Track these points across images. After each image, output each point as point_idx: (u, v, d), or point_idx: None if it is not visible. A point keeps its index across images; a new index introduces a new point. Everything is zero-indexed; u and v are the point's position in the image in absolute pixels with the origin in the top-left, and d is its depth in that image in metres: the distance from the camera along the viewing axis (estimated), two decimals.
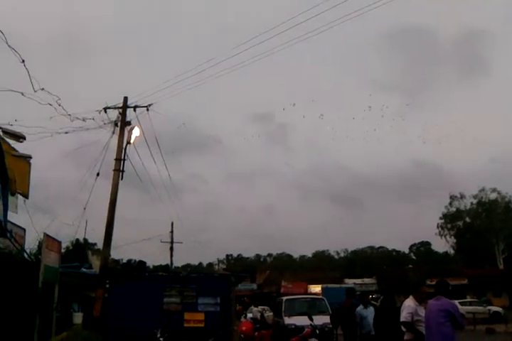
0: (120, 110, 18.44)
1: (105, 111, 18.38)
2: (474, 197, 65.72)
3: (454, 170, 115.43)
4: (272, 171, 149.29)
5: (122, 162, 17.57)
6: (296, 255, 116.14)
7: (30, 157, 15.67)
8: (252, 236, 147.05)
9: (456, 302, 33.83)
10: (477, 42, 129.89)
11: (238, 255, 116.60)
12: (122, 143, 17.82)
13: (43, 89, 13.00)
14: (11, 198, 14.75)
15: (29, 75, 11.87)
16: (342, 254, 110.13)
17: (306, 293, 46.95)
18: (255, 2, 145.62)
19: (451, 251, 73.55)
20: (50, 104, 14.62)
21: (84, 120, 17.42)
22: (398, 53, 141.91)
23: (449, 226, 67.41)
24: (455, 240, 67.41)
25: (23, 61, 10.97)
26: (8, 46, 10.25)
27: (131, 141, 17.97)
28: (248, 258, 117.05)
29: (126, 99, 18.58)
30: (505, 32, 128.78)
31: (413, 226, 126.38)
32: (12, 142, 14.68)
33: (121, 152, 17.69)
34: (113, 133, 18.18)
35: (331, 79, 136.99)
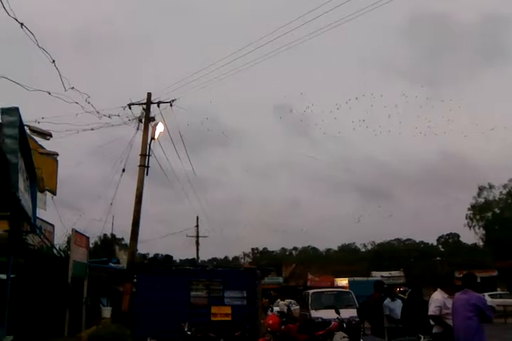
0: (144, 106, 18.57)
1: (129, 108, 18.52)
2: (504, 187, 64.59)
3: (483, 161, 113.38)
4: (297, 163, 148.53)
5: (147, 157, 17.70)
6: (321, 248, 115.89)
7: (57, 154, 15.91)
8: (277, 230, 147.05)
9: (486, 294, 33.58)
10: (498, 28, 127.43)
11: (263, 248, 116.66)
12: (147, 138, 17.95)
13: (73, 88, 13.17)
14: (39, 195, 14.98)
15: (60, 75, 12.02)
16: (369, 247, 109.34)
17: (332, 286, 46.85)
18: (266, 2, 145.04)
19: (480, 243, 72.48)
20: (77, 103, 14.80)
21: (110, 117, 17.59)
22: (420, 43, 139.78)
23: (477, 217, 66.38)
24: (484, 231, 66.41)
25: (54, 61, 11.09)
26: (39, 47, 10.39)
27: (156, 137, 18.10)
28: (273, 251, 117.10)
29: (149, 95, 18.70)
30: None
31: (441, 217, 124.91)
32: (39, 140, 14.92)
33: (146, 148, 17.82)
34: (137, 129, 18.33)
35: (353, 70, 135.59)
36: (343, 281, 49.13)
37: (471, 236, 70.10)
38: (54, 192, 16.46)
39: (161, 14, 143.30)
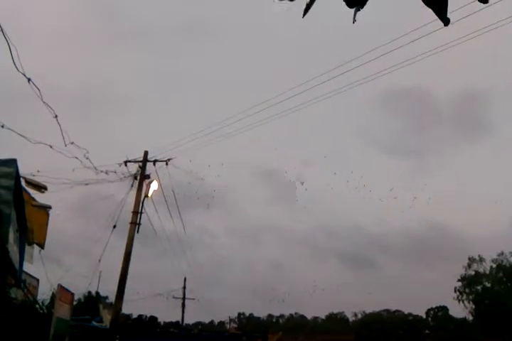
0: (140, 164, 18.73)
1: (125, 165, 18.68)
2: (493, 261, 64.19)
3: (471, 234, 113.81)
4: (286, 230, 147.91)
5: (139, 215, 17.66)
6: (309, 316, 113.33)
7: (50, 207, 15.83)
8: (265, 296, 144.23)
9: None
10: (476, 103, 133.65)
11: (250, 314, 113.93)
12: (140, 196, 17.99)
13: (72, 143, 13.44)
14: (27, 248, 14.81)
15: (61, 130, 12.31)
16: (359, 316, 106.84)
17: None
18: (264, 69, 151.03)
19: (470, 317, 71.13)
20: (77, 157, 15.03)
21: (106, 173, 17.73)
22: (401, 115, 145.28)
23: (467, 290, 65.50)
24: (473, 305, 65.31)
25: (56, 116, 11.39)
26: (43, 102, 10.71)
27: (149, 195, 18.14)
28: (260, 317, 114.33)
29: (146, 153, 18.92)
30: (503, 91, 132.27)
31: (430, 289, 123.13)
32: (32, 192, 14.91)
33: (139, 205, 17.82)
34: (132, 186, 18.42)
35: (335, 140, 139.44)
36: None
37: (460, 309, 68.82)
38: (42, 246, 16.23)
39: (164, 75, 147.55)
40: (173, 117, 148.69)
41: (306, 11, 2.54)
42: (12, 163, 9.82)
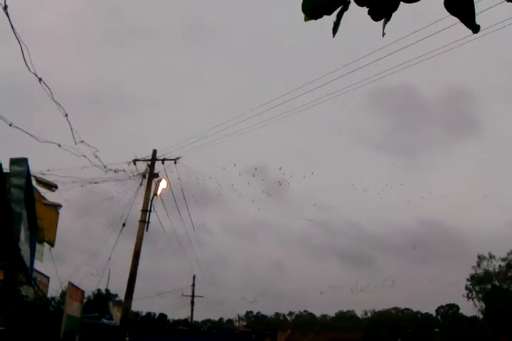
0: (149, 162, 18.78)
1: (134, 163, 18.74)
2: (503, 259, 63.76)
3: (481, 232, 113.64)
4: (295, 229, 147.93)
5: (148, 213, 17.72)
6: (317, 314, 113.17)
7: (61, 206, 15.94)
8: (273, 294, 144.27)
9: None
10: (464, 102, 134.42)
11: (257, 312, 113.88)
12: (149, 194, 18.05)
13: (82, 141, 13.53)
14: (37, 246, 14.93)
15: (71, 129, 12.39)
16: (369, 314, 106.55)
17: None
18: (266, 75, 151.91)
19: (480, 316, 70.68)
20: (85, 156, 15.10)
21: (116, 171, 17.82)
22: (395, 114, 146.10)
23: (477, 288, 65.12)
24: (483, 304, 64.91)
25: (66, 115, 11.47)
26: (54, 101, 10.79)
27: (158, 193, 18.20)
28: (267, 316, 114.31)
29: (155, 151, 18.96)
30: (489, 90, 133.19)
31: (441, 287, 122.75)
32: (42, 190, 15.01)
33: (148, 203, 17.88)
34: (141, 184, 18.49)
35: (331, 139, 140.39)
36: None
37: (470, 307, 68.43)
38: (52, 244, 16.34)
39: (172, 74, 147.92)
40: (182, 116, 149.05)
41: (334, 30, 2.45)
42: (23, 162, 9.92)
